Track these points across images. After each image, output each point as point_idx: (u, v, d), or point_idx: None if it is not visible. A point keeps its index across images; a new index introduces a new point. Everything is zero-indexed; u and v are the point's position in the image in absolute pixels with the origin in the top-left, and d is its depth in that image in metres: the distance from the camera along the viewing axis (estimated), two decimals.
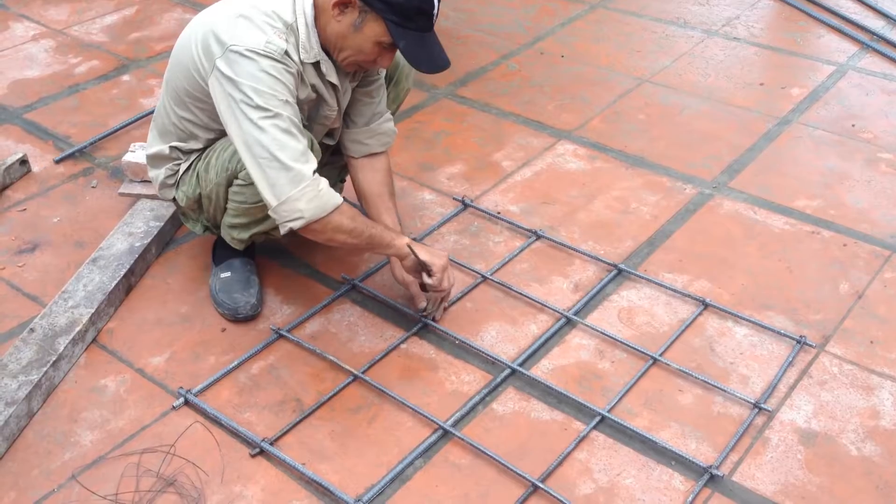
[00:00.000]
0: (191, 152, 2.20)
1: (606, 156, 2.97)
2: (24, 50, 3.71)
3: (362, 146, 2.32)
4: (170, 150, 2.19)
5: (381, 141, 2.34)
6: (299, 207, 1.92)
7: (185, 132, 2.16)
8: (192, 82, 2.04)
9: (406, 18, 1.93)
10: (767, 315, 2.29)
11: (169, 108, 2.15)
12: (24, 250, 2.56)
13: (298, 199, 1.91)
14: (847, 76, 3.43)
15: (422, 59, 1.99)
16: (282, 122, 1.91)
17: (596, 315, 2.31)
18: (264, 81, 1.90)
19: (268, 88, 1.90)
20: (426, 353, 2.20)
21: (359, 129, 2.31)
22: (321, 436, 1.99)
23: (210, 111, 2.07)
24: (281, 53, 1.93)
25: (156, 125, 2.23)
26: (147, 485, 1.87)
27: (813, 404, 2.04)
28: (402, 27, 1.93)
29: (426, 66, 2.00)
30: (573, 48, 3.69)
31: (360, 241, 2.05)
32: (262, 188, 1.93)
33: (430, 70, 2.02)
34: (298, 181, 1.91)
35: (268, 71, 1.90)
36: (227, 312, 2.26)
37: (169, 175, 2.23)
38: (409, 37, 1.95)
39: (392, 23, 1.93)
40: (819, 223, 2.62)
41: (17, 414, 1.97)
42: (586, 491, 1.85)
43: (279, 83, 1.92)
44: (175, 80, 2.09)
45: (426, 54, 1.99)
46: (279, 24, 1.96)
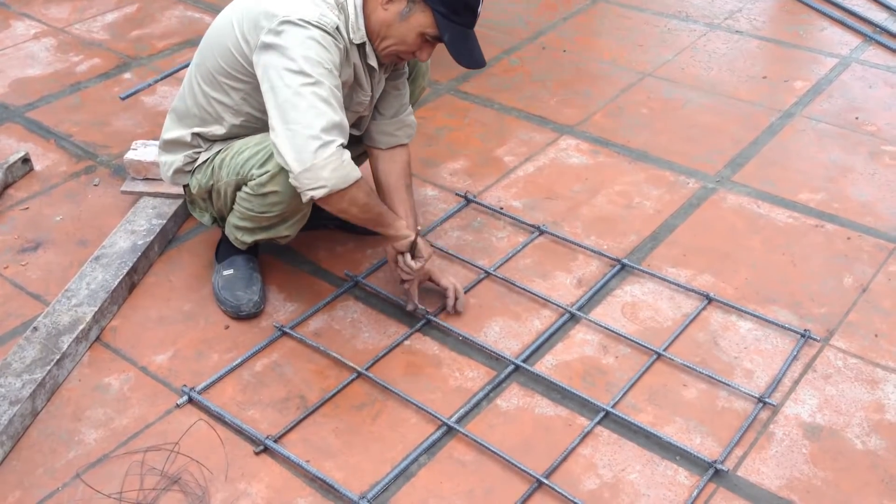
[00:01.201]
0: (213, 141, 2.19)
1: (609, 150, 2.96)
2: (26, 48, 3.71)
3: (390, 137, 2.33)
4: (191, 136, 2.18)
5: (407, 133, 2.36)
6: (323, 176, 1.90)
7: (213, 115, 2.14)
8: (230, 61, 2.04)
9: (453, 11, 1.97)
10: (771, 309, 2.28)
11: (198, 89, 2.14)
12: (27, 249, 2.56)
13: (323, 167, 1.90)
14: (850, 69, 3.41)
15: (463, 53, 2.03)
16: (321, 91, 1.90)
17: (599, 310, 2.30)
18: (312, 48, 1.91)
19: (315, 55, 1.91)
20: (430, 350, 2.20)
21: (387, 120, 2.32)
22: (325, 433, 1.99)
23: (244, 92, 2.07)
24: (333, 27, 1.95)
25: (176, 111, 2.23)
26: (151, 483, 1.87)
27: (818, 398, 2.04)
28: (449, 20, 1.98)
29: (467, 60, 2.04)
30: (575, 43, 3.68)
31: (370, 216, 2.08)
32: (286, 153, 1.90)
33: (470, 65, 2.06)
34: (324, 150, 1.90)
35: (317, 39, 1.92)
36: (229, 310, 2.27)
37: (187, 162, 2.22)
38: (453, 30, 1.99)
39: (440, 14, 1.97)
40: (823, 216, 2.61)
41: (22, 413, 1.97)
42: (591, 486, 1.85)
43: (327, 52, 1.93)
44: (209, 61, 2.09)
45: (467, 50, 2.04)
46: (331, 1, 1.99)
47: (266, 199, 2.08)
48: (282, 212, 2.11)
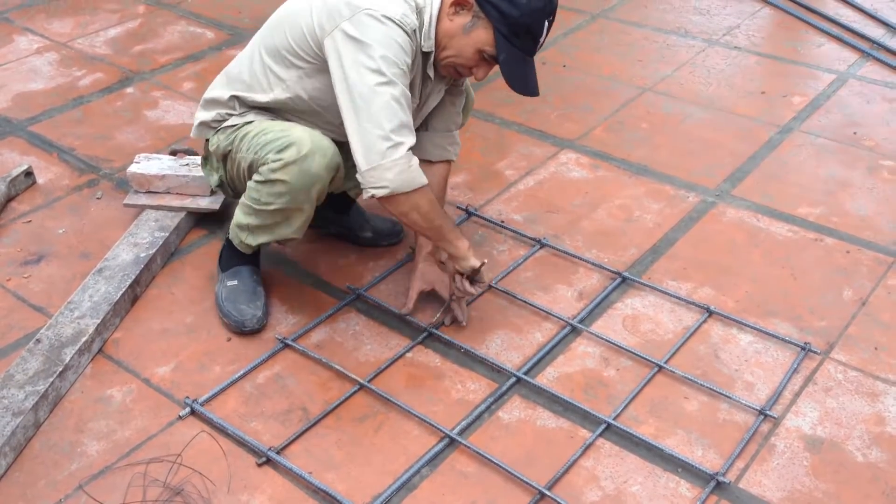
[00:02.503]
0: (250, 108, 2.19)
1: (609, 164, 2.98)
2: (29, 63, 3.73)
3: (442, 150, 2.35)
4: (230, 97, 2.19)
5: (456, 151, 2.39)
6: (387, 177, 1.94)
7: (263, 84, 2.15)
8: (300, 41, 2.05)
9: (514, 34, 1.96)
10: (772, 322, 2.29)
11: (258, 58, 2.15)
12: (30, 261, 2.57)
13: (389, 168, 1.93)
14: (848, 84, 3.44)
15: (516, 78, 2.04)
16: (395, 91, 1.93)
17: (601, 323, 2.31)
18: (392, 48, 1.93)
19: (393, 55, 1.93)
20: (432, 362, 2.20)
21: (440, 133, 2.34)
22: (328, 444, 1.99)
23: (305, 71, 2.08)
24: (412, 29, 1.97)
25: (228, 73, 2.23)
26: (154, 494, 1.87)
27: (818, 411, 2.04)
28: (508, 41, 1.97)
29: (519, 86, 2.05)
30: (575, 58, 3.71)
31: (430, 226, 2.08)
32: (356, 150, 1.95)
33: (522, 91, 2.06)
34: (393, 152, 1.93)
35: (397, 39, 1.93)
36: (233, 325, 2.26)
37: (216, 119, 2.22)
38: (510, 52, 1.98)
39: (500, 34, 1.96)
40: (822, 230, 2.63)
41: (24, 424, 1.98)
42: (593, 498, 1.85)
43: (404, 54, 1.95)
44: (278, 37, 2.10)
45: (521, 74, 2.04)
46: (410, 5, 2.00)
47: (273, 186, 2.07)
48: (286, 205, 2.10)
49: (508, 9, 1.95)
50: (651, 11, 4.10)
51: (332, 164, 2.07)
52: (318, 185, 2.08)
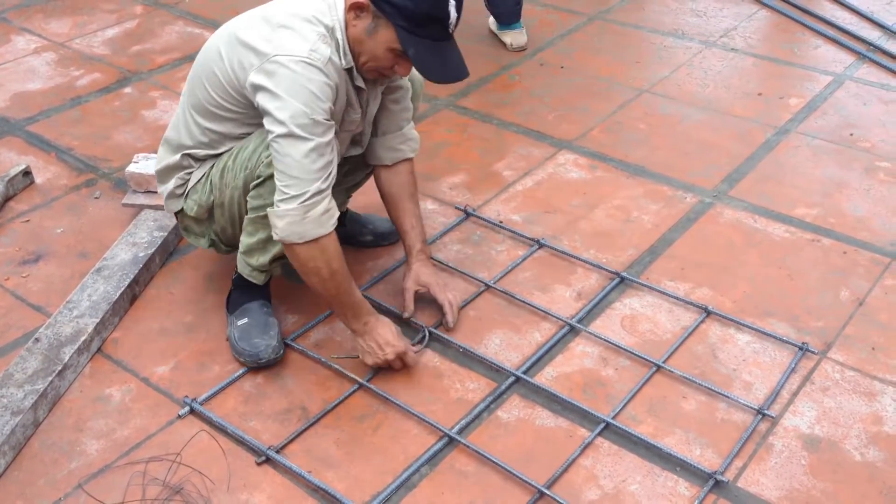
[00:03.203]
0: (205, 159, 2.15)
1: (607, 165, 2.99)
2: (26, 63, 3.73)
3: (395, 152, 2.31)
4: (181, 157, 2.14)
5: (412, 146, 2.33)
6: (278, 225, 1.93)
7: (207, 141, 2.11)
8: (221, 92, 2.01)
9: (417, 25, 1.89)
10: (769, 322, 2.30)
11: (191, 119, 2.11)
12: (28, 261, 2.57)
13: (281, 216, 1.92)
14: (844, 86, 3.45)
15: (433, 68, 1.95)
16: (305, 147, 1.88)
17: (599, 323, 2.32)
18: (302, 96, 1.87)
19: (305, 106, 1.87)
20: (431, 362, 2.21)
21: (391, 135, 2.29)
22: (327, 444, 1.99)
23: (239, 117, 2.05)
24: (325, 62, 1.90)
25: (169, 141, 2.19)
26: (153, 493, 1.87)
27: (816, 410, 2.05)
28: (413, 34, 1.89)
29: (437, 76, 1.97)
30: (573, 59, 3.71)
31: (326, 288, 2.01)
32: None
33: (443, 80, 1.99)
34: (286, 203, 1.91)
35: (308, 86, 1.87)
36: (248, 360, 2.16)
37: (178, 185, 2.18)
38: (420, 45, 1.91)
39: (402, 29, 1.89)
40: (819, 231, 2.64)
41: (23, 423, 1.98)
42: (592, 497, 1.86)
43: (319, 100, 1.88)
44: (200, 92, 2.05)
45: (438, 64, 1.95)
46: (321, 29, 1.94)
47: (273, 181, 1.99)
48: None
49: (401, 1, 1.87)
50: (648, 13, 4.11)
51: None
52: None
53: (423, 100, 3.35)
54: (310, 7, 1.97)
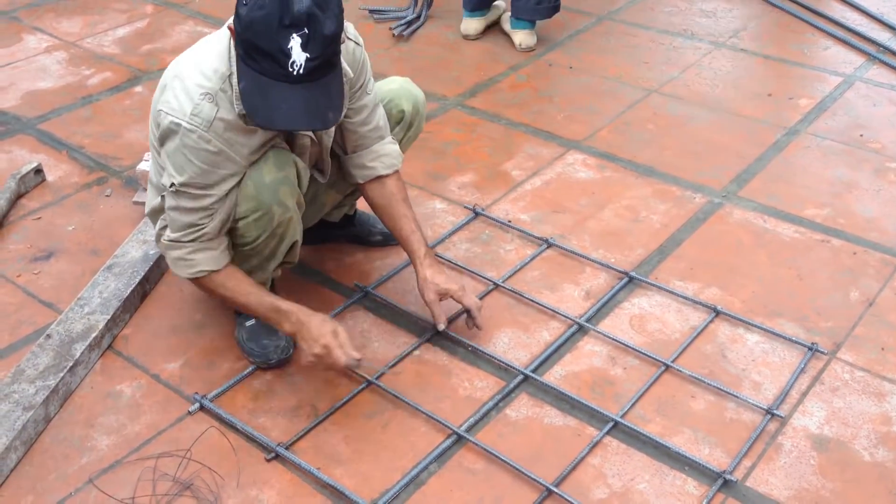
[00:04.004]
0: None
1: (616, 165, 2.99)
2: (38, 61, 3.75)
3: (366, 170, 2.19)
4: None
5: (386, 163, 2.20)
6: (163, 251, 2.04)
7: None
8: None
9: (247, 54, 1.71)
10: (778, 322, 2.30)
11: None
12: (40, 258, 2.58)
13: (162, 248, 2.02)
14: (854, 87, 3.45)
15: (257, 109, 1.73)
16: (173, 200, 1.91)
17: (607, 322, 2.32)
18: (177, 160, 1.85)
19: (176, 171, 1.86)
20: (439, 360, 2.21)
21: (360, 153, 2.18)
22: (336, 441, 2.00)
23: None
24: (206, 126, 1.81)
25: (151, 181, 2.12)
26: (163, 489, 1.88)
27: (825, 410, 2.05)
28: (247, 65, 1.72)
29: (260, 118, 1.75)
30: (581, 60, 3.72)
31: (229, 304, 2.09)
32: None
33: (266, 125, 1.79)
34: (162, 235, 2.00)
35: (184, 152, 1.83)
36: (258, 360, 2.17)
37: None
38: (250, 78, 1.72)
39: (240, 57, 1.74)
40: (829, 232, 2.64)
41: (35, 418, 1.99)
42: (600, 496, 1.86)
43: (190, 164, 1.84)
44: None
45: (264, 105, 1.72)
46: (212, 82, 1.82)
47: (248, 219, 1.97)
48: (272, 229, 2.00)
49: (236, 23, 1.71)
50: (657, 14, 4.11)
51: (279, 162, 1.95)
52: (282, 186, 1.96)
53: (433, 99, 3.36)
54: (210, 51, 1.87)
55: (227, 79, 1.83)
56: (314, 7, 1.67)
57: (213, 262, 1.99)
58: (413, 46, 3.85)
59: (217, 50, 1.87)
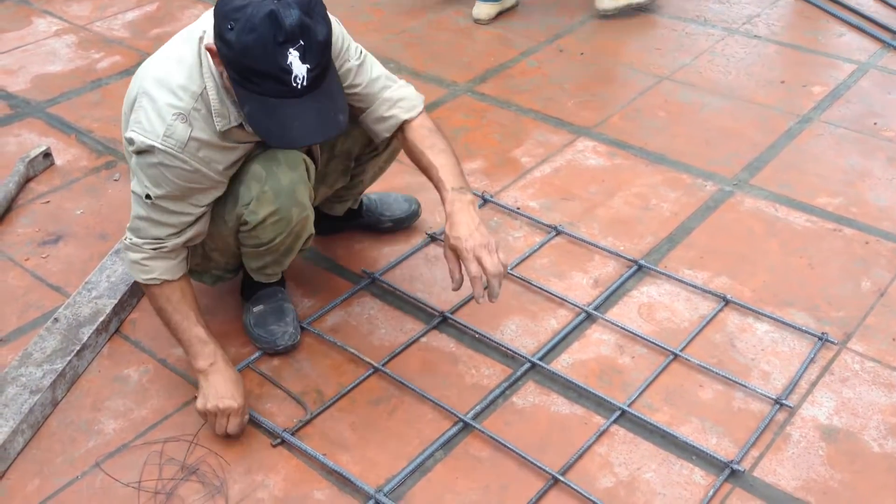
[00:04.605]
0: None
1: (626, 153, 2.97)
2: (47, 45, 3.74)
3: (387, 122, 2.04)
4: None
5: (405, 106, 2.04)
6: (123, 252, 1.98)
7: None
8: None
9: (244, 78, 1.66)
10: (789, 312, 2.28)
11: None
12: (48, 242, 2.58)
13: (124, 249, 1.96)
14: (868, 74, 3.41)
15: (271, 131, 1.69)
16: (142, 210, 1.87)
17: (616, 310, 2.31)
18: (153, 175, 1.81)
19: (153, 181, 1.82)
20: (446, 347, 2.21)
21: (373, 106, 2.04)
22: (342, 427, 2.00)
23: None
24: (181, 147, 1.78)
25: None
26: (170, 473, 1.88)
27: (835, 401, 2.03)
28: (245, 89, 1.67)
29: (276, 139, 1.72)
30: (592, 46, 3.69)
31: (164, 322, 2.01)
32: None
33: (284, 145, 1.79)
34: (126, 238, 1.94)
35: (160, 170, 1.80)
36: (265, 346, 2.16)
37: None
38: (254, 102, 1.67)
39: (236, 83, 1.68)
40: (841, 221, 2.61)
41: (42, 402, 1.99)
42: (607, 484, 1.85)
43: (169, 181, 1.82)
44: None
45: (277, 126, 1.68)
46: (184, 101, 1.77)
47: (266, 223, 1.96)
48: (290, 229, 2.00)
49: (225, 50, 1.65)
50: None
51: (291, 163, 1.94)
52: (298, 186, 1.95)
53: (443, 85, 3.35)
54: (178, 67, 1.80)
55: (199, 97, 1.78)
56: (303, 17, 1.62)
57: (169, 273, 1.93)
58: (424, 31, 3.82)
59: (187, 65, 1.79)
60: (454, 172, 1.96)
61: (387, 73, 2.06)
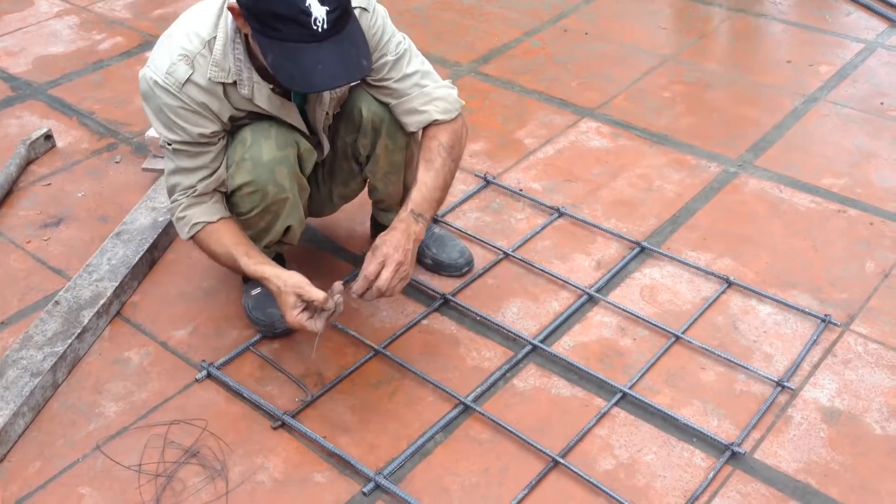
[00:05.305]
0: None
1: (630, 133, 2.94)
2: (49, 26, 3.73)
3: (419, 115, 2.02)
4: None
5: (442, 107, 2.02)
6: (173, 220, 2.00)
7: None
8: None
9: (266, 26, 1.66)
10: (792, 294, 2.27)
11: None
12: (49, 224, 2.58)
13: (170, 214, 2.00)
14: (876, 54, 3.37)
15: (293, 76, 1.68)
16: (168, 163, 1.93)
17: (618, 292, 2.29)
18: (162, 119, 1.87)
19: (162, 128, 1.88)
20: (447, 329, 2.20)
21: (410, 96, 2.02)
22: (342, 409, 2.00)
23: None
24: (178, 86, 1.82)
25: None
26: (170, 456, 1.89)
27: (837, 383, 2.02)
28: (267, 37, 1.68)
29: (299, 83, 1.70)
30: (597, 25, 3.65)
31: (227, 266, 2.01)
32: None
33: (307, 89, 1.74)
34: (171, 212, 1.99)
35: (163, 109, 1.85)
36: (263, 329, 2.16)
37: None
38: (276, 48, 1.67)
39: (257, 31, 1.69)
40: (845, 202, 2.59)
41: (43, 385, 2.00)
42: (607, 467, 1.85)
43: (172, 123, 1.86)
44: None
45: (300, 71, 1.67)
46: (193, 45, 1.82)
47: (241, 191, 1.95)
48: (263, 204, 1.97)
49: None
50: None
51: (280, 142, 1.94)
52: (280, 167, 1.94)
53: (446, 66, 3.32)
54: (200, 15, 1.86)
55: (208, 44, 1.83)
56: None
57: (206, 215, 1.96)
58: (428, 12, 3.79)
59: (206, 14, 1.85)
60: (427, 198, 1.97)
61: (424, 71, 2.05)
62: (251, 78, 1.86)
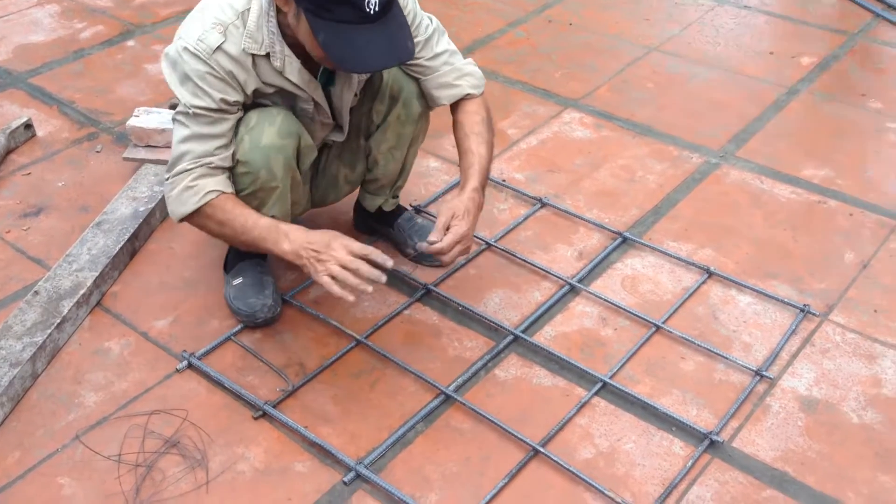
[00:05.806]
0: None
1: (613, 124, 2.95)
2: (30, 14, 3.69)
3: (452, 89, 2.11)
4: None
5: (473, 83, 2.13)
6: (166, 193, 1.96)
7: None
8: None
9: (321, 7, 1.71)
10: (771, 284, 2.28)
11: None
12: (29, 214, 2.56)
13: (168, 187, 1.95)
14: (858, 46, 3.39)
15: (345, 56, 1.74)
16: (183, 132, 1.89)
17: (600, 283, 2.30)
18: (184, 85, 1.87)
19: (188, 93, 1.86)
20: (429, 319, 2.20)
21: (441, 71, 2.10)
22: (324, 399, 2.00)
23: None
24: (209, 52, 1.83)
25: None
26: (150, 446, 1.88)
27: (815, 372, 2.04)
28: (320, 17, 1.72)
29: (351, 64, 1.77)
30: (582, 16, 3.65)
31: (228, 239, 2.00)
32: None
33: (358, 69, 1.82)
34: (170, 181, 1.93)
35: (189, 74, 1.85)
36: (245, 319, 2.16)
37: None
38: (329, 29, 1.72)
39: (310, 12, 1.73)
40: (826, 193, 2.61)
41: (22, 375, 1.99)
42: (587, 455, 1.86)
43: (197, 89, 1.85)
44: None
45: (351, 52, 1.73)
46: (227, 15, 1.86)
47: (237, 169, 1.96)
48: (253, 186, 1.97)
49: None
50: None
51: (283, 131, 1.95)
52: (276, 155, 1.95)
53: None
54: None
55: (241, 15, 1.86)
56: None
57: (220, 185, 1.93)
58: None
59: None
60: (483, 170, 2.07)
61: (452, 50, 2.13)
62: (283, 52, 1.89)
